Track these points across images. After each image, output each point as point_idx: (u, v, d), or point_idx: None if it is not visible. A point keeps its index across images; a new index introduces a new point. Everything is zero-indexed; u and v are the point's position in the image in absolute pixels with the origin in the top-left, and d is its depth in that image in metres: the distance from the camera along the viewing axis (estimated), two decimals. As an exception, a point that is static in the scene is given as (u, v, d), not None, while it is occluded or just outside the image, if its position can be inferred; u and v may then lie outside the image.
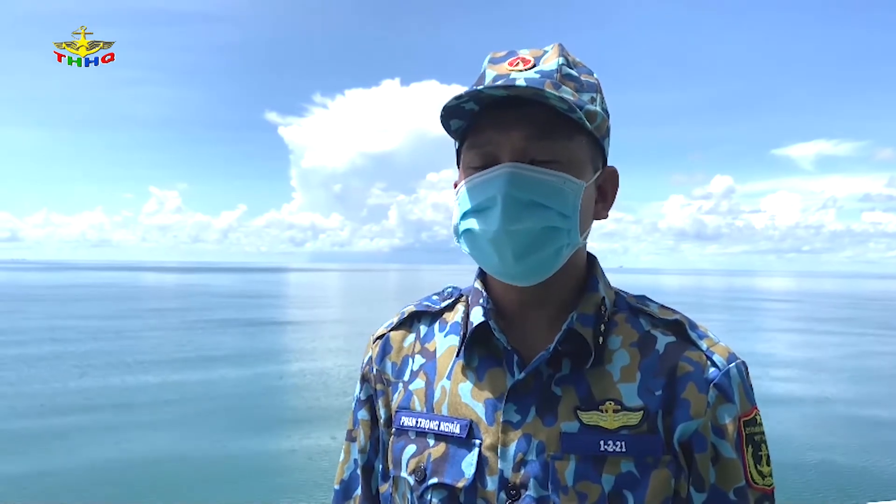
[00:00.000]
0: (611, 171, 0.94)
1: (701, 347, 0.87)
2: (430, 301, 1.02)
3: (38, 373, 14.70)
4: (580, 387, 0.85)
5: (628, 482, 0.80)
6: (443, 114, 0.84)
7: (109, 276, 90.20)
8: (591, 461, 0.81)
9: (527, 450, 0.83)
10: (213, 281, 77.88)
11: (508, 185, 0.81)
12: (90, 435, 9.80)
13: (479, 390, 0.88)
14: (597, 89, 0.89)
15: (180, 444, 9.32)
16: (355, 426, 1.02)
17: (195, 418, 10.90)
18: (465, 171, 0.88)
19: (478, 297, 0.93)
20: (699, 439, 0.83)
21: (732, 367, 0.86)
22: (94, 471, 8.17)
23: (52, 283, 66.20)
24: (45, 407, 11.51)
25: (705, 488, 0.83)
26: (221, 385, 13.73)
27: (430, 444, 0.89)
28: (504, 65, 0.88)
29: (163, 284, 69.61)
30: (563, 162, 0.84)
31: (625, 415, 0.83)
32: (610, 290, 0.94)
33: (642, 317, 0.91)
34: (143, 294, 50.14)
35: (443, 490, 0.86)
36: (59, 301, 38.79)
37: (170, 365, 16.02)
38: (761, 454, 0.87)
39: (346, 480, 1.02)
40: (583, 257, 0.94)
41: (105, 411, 11.26)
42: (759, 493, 0.85)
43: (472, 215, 0.85)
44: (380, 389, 0.98)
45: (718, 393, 0.84)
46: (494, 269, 0.87)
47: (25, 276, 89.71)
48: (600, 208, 0.93)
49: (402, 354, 0.98)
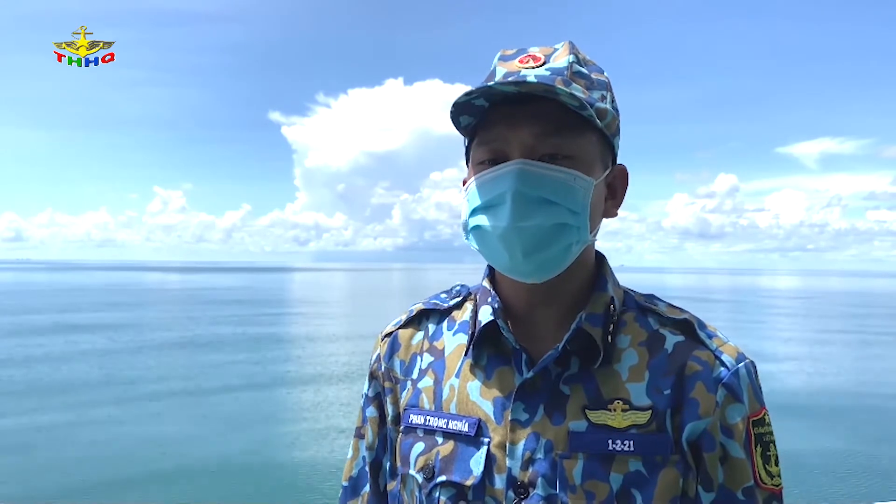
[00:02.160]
0: (620, 170, 0.94)
1: (710, 347, 0.87)
2: (439, 299, 1.02)
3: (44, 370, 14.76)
4: (588, 386, 0.85)
5: (636, 481, 0.80)
6: (453, 110, 0.84)
7: (114, 276, 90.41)
8: (599, 460, 0.81)
9: (535, 448, 0.83)
10: (217, 281, 78.03)
11: (518, 182, 0.81)
12: (90, 435, 9.83)
13: (487, 389, 0.88)
14: (607, 87, 0.89)
15: (181, 444, 9.34)
16: (364, 423, 1.02)
17: (197, 418, 10.92)
18: (475, 167, 0.88)
19: (486, 296, 0.93)
20: (708, 439, 0.83)
21: (741, 366, 0.85)
22: (94, 471, 8.20)
23: (57, 283, 66.38)
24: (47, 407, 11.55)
25: (714, 488, 0.83)
26: (227, 383, 13.76)
27: (439, 441, 0.89)
28: (515, 62, 0.88)
29: (167, 284, 69.77)
30: (573, 159, 0.84)
31: (633, 414, 0.82)
32: (618, 288, 0.94)
33: (651, 316, 0.91)
34: (148, 293, 50.26)
35: (451, 488, 0.86)
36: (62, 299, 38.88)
37: (170, 364, 16.05)
38: (770, 454, 0.86)
39: (355, 477, 1.02)
40: (591, 256, 0.93)
41: (105, 409, 11.31)
42: (768, 493, 0.85)
43: (482, 212, 0.85)
44: (388, 387, 0.98)
45: (727, 392, 0.84)
46: (504, 265, 0.86)
47: (30, 276, 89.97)
48: (610, 206, 0.93)
49: (411, 352, 0.98)
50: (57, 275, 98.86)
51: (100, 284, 63.72)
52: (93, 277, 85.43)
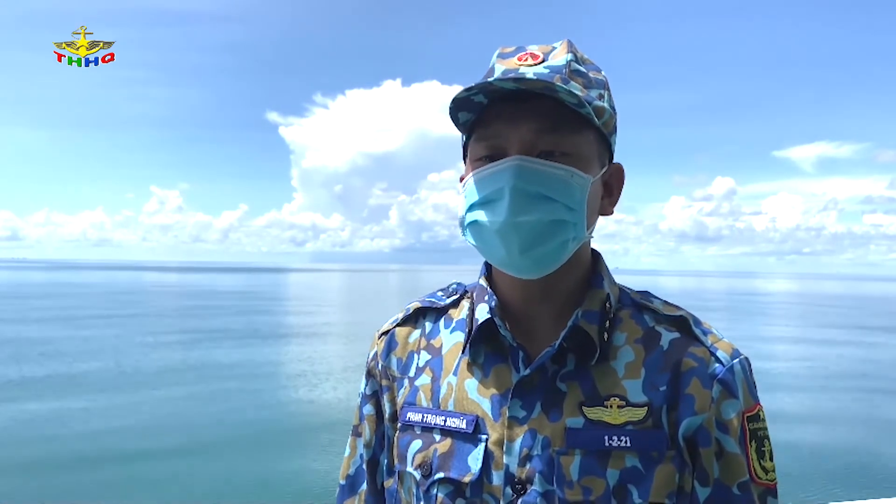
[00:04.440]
0: (617, 168, 0.95)
1: (705, 343, 0.87)
2: (435, 297, 1.02)
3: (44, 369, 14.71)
4: (585, 383, 0.85)
5: (633, 476, 0.81)
6: (452, 106, 0.85)
7: (111, 276, 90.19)
8: (595, 456, 0.82)
9: (532, 445, 0.83)
10: (214, 281, 77.91)
11: (516, 178, 0.82)
12: (91, 434, 9.81)
13: (484, 386, 0.89)
14: (605, 86, 0.90)
15: (178, 444, 9.32)
16: (361, 421, 1.02)
17: (192, 417, 10.90)
18: (473, 163, 0.89)
19: (483, 294, 0.94)
20: (703, 434, 0.83)
21: (736, 362, 0.86)
22: (94, 470, 8.17)
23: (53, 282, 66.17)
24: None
25: (709, 483, 0.84)
26: (224, 383, 13.73)
27: (437, 439, 0.89)
28: (513, 59, 0.88)
29: (164, 284, 69.61)
30: (570, 156, 0.84)
31: (630, 410, 0.83)
32: (614, 286, 0.94)
33: (646, 313, 0.91)
34: (145, 293, 50.13)
35: (449, 485, 0.86)
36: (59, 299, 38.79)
37: (171, 364, 16.01)
38: (764, 449, 0.87)
39: (352, 475, 1.03)
40: (588, 253, 0.94)
41: (107, 407, 11.28)
42: (763, 488, 0.85)
43: (479, 207, 0.85)
44: (385, 385, 0.99)
45: (722, 388, 0.84)
46: (500, 261, 0.87)
47: (26, 276, 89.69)
48: (606, 204, 0.93)
49: (408, 350, 0.99)
50: (53, 274, 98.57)
51: (96, 284, 63.57)
52: (89, 277, 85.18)
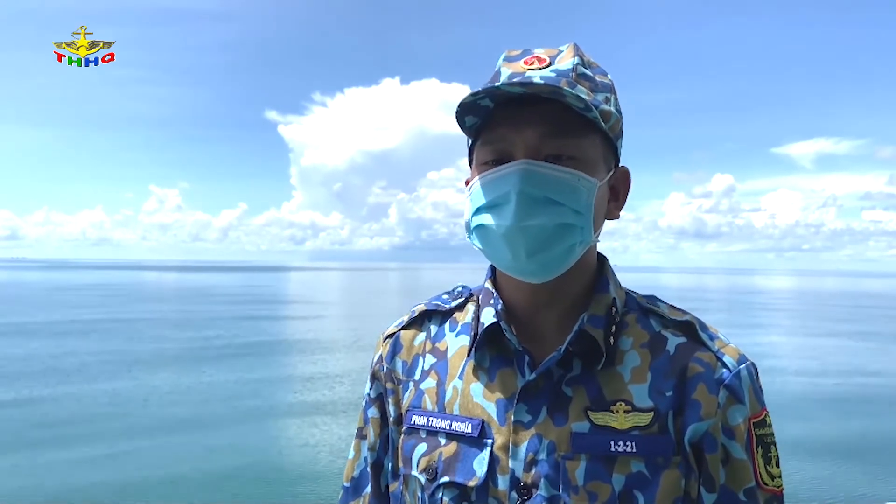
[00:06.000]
0: (623, 172, 0.94)
1: (711, 349, 0.87)
2: (440, 300, 1.02)
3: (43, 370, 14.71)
4: (591, 387, 0.85)
5: (639, 482, 0.81)
6: (458, 110, 0.85)
7: (110, 275, 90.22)
8: (601, 461, 0.81)
9: (538, 449, 0.83)
10: (213, 280, 77.87)
11: (523, 182, 0.81)
12: (91, 435, 9.81)
13: (490, 390, 0.88)
14: (611, 90, 0.90)
15: (178, 445, 9.31)
16: (365, 424, 1.02)
17: (193, 419, 10.88)
18: (479, 167, 0.88)
19: (489, 298, 0.93)
20: (710, 440, 0.83)
21: (743, 368, 0.86)
22: (95, 470, 8.18)
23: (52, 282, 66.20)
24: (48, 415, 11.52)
25: (715, 489, 0.83)
26: (224, 383, 13.73)
27: (442, 443, 0.89)
28: (520, 63, 0.88)
29: (163, 283, 69.61)
30: (577, 160, 0.84)
31: (635, 415, 0.83)
32: (620, 290, 0.94)
33: (653, 317, 0.91)
34: (145, 293, 50.14)
35: (454, 489, 0.86)
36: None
37: (171, 364, 16.02)
38: (771, 455, 0.87)
39: (356, 478, 1.02)
40: (594, 257, 0.94)
41: (106, 408, 11.28)
42: (769, 495, 0.85)
43: (486, 211, 0.85)
44: (390, 388, 0.98)
45: (729, 394, 0.84)
46: (507, 265, 0.86)
47: (25, 275, 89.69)
48: (612, 208, 0.93)
49: (413, 353, 0.98)
50: (52, 273, 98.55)
51: (95, 283, 63.56)
52: (88, 276, 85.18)
